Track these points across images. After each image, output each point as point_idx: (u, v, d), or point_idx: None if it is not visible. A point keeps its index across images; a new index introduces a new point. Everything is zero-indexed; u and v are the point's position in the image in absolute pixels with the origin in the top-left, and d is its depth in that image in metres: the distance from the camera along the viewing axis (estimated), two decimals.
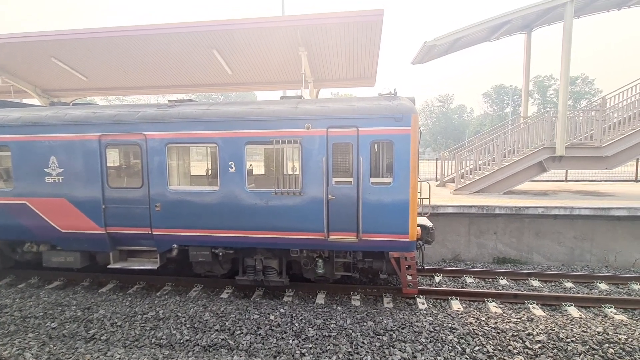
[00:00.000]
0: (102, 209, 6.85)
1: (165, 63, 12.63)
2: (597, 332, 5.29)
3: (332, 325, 5.62)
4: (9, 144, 7.05)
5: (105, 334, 5.57)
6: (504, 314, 6.08)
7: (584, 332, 5.31)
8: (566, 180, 16.00)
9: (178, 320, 5.86)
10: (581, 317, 6.05)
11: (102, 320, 5.96)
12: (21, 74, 13.87)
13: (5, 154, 7.23)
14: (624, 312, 6.48)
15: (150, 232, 6.78)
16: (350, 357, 4.83)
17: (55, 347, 5.13)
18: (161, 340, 5.35)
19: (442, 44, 11.40)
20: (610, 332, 5.27)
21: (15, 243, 7.75)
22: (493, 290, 7.25)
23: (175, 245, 6.84)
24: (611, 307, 6.61)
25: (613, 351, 4.79)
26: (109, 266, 7.12)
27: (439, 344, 5.08)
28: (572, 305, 6.68)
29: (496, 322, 5.67)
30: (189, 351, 5.08)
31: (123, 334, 5.57)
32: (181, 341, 5.30)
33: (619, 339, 5.07)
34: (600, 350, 4.83)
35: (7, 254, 7.97)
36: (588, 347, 4.92)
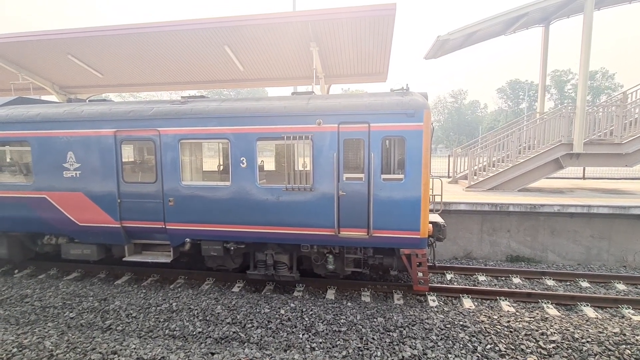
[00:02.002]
0: (118, 203, 7.01)
1: (177, 60, 12.78)
2: (614, 332, 5.17)
3: (342, 321, 5.64)
4: (28, 140, 7.27)
5: (121, 325, 5.73)
6: (517, 313, 5.99)
7: (600, 332, 5.19)
8: (583, 178, 15.58)
9: (191, 313, 5.98)
10: (597, 318, 5.91)
11: (118, 311, 6.13)
12: (40, 72, 14.25)
13: (26, 149, 7.47)
14: None
15: (163, 226, 6.91)
16: (360, 353, 4.85)
17: (73, 336, 5.29)
18: (174, 332, 5.47)
19: (456, 38, 11.20)
20: (627, 333, 5.14)
21: (35, 235, 8.01)
22: (506, 289, 7.14)
23: (188, 240, 6.96)
24: (629, 307, 6.44)
25: (630, 352, 4.67)
26: (124, 259, 7.29)
27: (450, 342, 5.05)
28: (588, 305, 6.54)
29: (509, 321, 5.59)
30: (201, 343, 5.18)
31: (138, 324, 5.71)
32: (194, 333, 5.41)
33: (637, 340, 4.95)
34: (616, 352, 4.71)
35: (27, 245, 8.24)
36: (604, 347, 4.81)
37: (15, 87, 14.53)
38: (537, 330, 5.27)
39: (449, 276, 8.00)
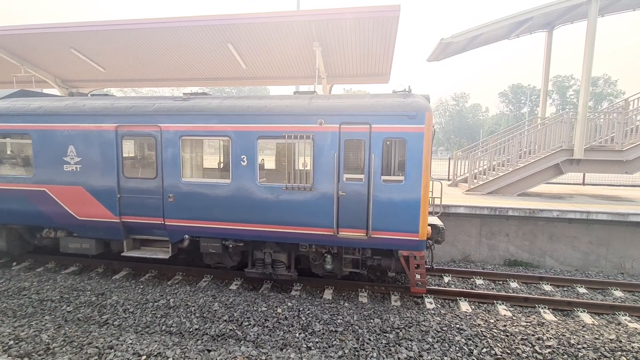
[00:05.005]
0: (117, 198, 7.01)
1: (180, 56, 12.77)
2: (610, 339, 5.18)
3: (338, 321, 5.65)
4: (30, 133, 7.27)
5: (118, 320, 5.73)
6: (514, 317, 6.00)
7: (596, 339, 5.20)
8: (583, 184, 15.58)
9: (188, 309, 5.98)
10: (594, 324, 5.92)
11: (115, 306, 6.13)
12: (42, 65, 14.25)
13: (27, 142, 7.47)
14: (638, 321, 6.31)
15: (162, 222, 6.91)
16: (356, 353, 4.86)
17: (70, 330, 5.30)
18: (171, 328, 5.47)
19: (460, 41, 11.19)
20: (623, 340, 5.15)
21: (34, 228, 8.02)
22: (503, 293, 7.15)
23: (186, 236, 6.97)
24: (625, 314, 6.44)
25: (626, 359, 4.68)
26: (122, 254, 7.30)
27: (446, 344, 5.05)
28: (584, 311, 6.55)
29: (505, 325, 5.60)
30: (197, 340, 5.18)
31: (135, 320, 5.72)
32: (190, 330, 5.42)
33: (632, 347, 4.96)
34: (612, 358, 4.72)
35: (26, 238, 8.25)
36: (600, 354, 4.82)
37: (18, 79, 14.52)
38: (533, 335, 5.28)
39: (446, 279, 8.01)
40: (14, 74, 14.02)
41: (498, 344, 5.05)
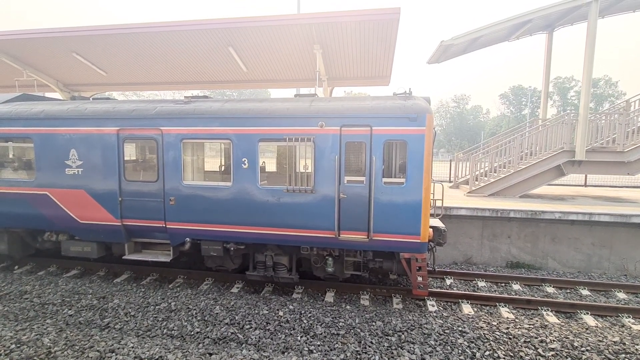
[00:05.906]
0: (119, 202, 7.02)
1: (182, 59, 12.84)
2: (614, 341, 5.14)
3: (340, 324, 5.63)
4: (32, 136, 7.29)
5: (119, 323, 5.72)
6: (517, 320, 5.97)
7: (600, 341, 5.17)
8: (585, 185, 15.55)
9: (189, 313, 5.97)
10: (597, 326, 5.88)
11: (117, 310, 6.13)
12: (44, 69, 14.33)
13: (29, 145, 7.50)
14: None
15: (164, 226, 6.91)
16: (358, 356, 4.83)
17: (71, 334, 5.29)
18: (173, 331, 5.46)
19: (460, 43, 11.22)
20: (627, 343, 5.11)
21: (36, 232, 8.03)
22: (505, 295, 7.12)
23: (188, 239, 6.97)
24: (629, 316, 6.40)
25: None
26: (124, 257, 7.30)
27: (449, 347, 5.03)
28: (588, 313, 6.51)
29: (508, 328, 5.57)
30: (199, 343, 5.17)
31: (136, 323, 5.71)
32: (192, 333, 5.41)
33: (636, 349, 4.92)
34: None
35: (28, 242, 8.27)
36: (603, 356, 4.79)
37: (20, 83, 14.60)
38: (536, 338, 5.24)
39: (448, 281, 7.98)
40: (16, 78, 14.09)
41: (501, 347, 5.03)
